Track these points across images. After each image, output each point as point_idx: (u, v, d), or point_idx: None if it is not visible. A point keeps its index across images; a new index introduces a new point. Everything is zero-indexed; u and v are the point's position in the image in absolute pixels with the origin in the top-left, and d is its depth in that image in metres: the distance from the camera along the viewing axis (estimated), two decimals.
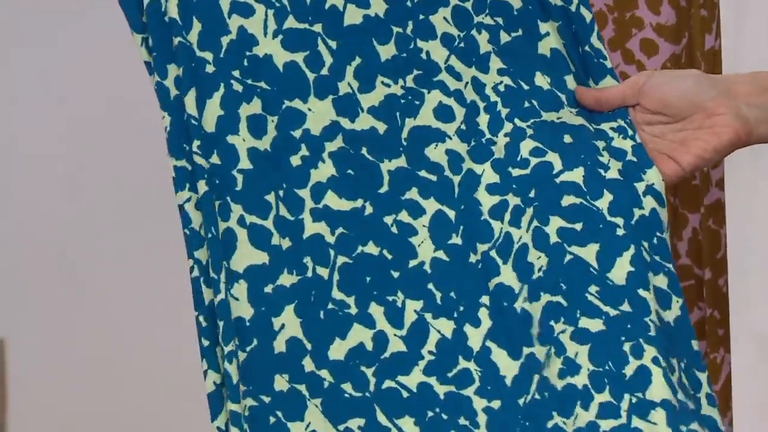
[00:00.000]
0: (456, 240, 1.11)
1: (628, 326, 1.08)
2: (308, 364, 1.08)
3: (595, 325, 1.08)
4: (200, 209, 1.10)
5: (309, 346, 1.08)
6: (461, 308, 1.10)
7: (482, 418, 1.07)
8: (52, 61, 2.46)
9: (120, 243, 2.47)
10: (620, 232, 1.10)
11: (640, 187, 1.12)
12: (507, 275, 1.10)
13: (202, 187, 1.10)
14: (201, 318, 1.09)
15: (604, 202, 1.11)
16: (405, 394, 1.08)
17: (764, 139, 1.13)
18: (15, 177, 2.49)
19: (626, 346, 1.08)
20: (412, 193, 1.12)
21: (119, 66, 2.23)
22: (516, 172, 1.13)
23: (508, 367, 1.09)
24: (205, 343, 1.09)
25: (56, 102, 2.45)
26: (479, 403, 1.08)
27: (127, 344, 2.49)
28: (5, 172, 2.49)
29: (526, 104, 1.16)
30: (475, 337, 1.09)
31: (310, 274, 1.10)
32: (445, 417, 1.07)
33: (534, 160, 1.13)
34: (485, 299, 1.10)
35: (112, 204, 2.46)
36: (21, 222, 2.49)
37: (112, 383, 2.51)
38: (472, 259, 1.11)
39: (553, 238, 1.11)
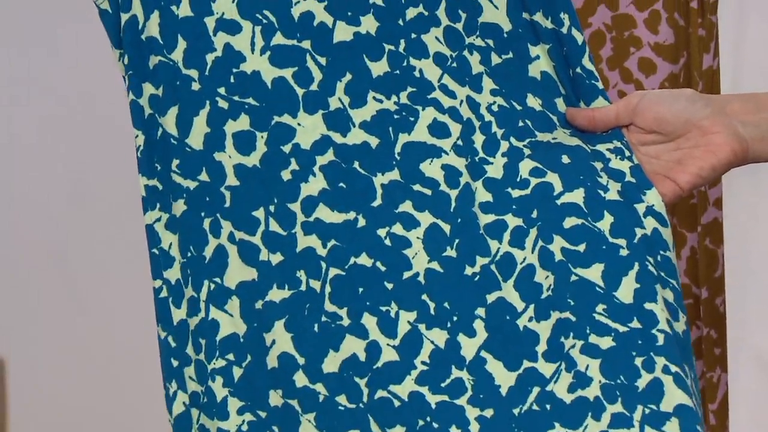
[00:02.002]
0: (451, 252, 1.12)
1: (639, 342, 1.08)
2: (301, 379, 1.08)
3: (605, 342, 1.08)
4: (173, 229, 1.11)
5: (302, 361, 1.09)
6: (455, 318, 1.10)
7: (474, 427, 1.07)
8: (52, 62, 2.45)
9: (123, 259, 2.47)
10: (624, 252, 1.10)
11: (641, 208, 1.12)
12: (509, 293, 1.10)
13: (181, 206, 1.11)
14: (170, 338, 1.10)
15: (605, 224, 1.11)
16: (396, 404, 1.08)
17: (761, 157, 1.14)
18: (14, 188, 2.49)
19: (638, 361, 1.08)
20: (406, 206, 1.12)
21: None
22: (516, 192, 1.13)
23: (503, 378, 1.09)
24: (174, 363, 1.10)
25: (55, 102, 2.45)
26: (472, 412, 1.08)
27: (128, 363, 2.49)
28: (5, 180, 2.49)
29: (521, 123, 1.16)
30: (469, 347, 1.09)
31: (303, 287, 1.10)
32: (436, 426, 1.07)
33: (534, 181, 1.13)
34: (481, 311, 1.10)
35: (115, 219, 2.46)
36: (22, 238, 2.49)
37: (113, 402, 2.50)
38: (468, 271, 1.11)
39: (558, 257, 1.11)
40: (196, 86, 1.12)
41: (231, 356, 1.09)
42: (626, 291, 1.09)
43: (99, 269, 2.50)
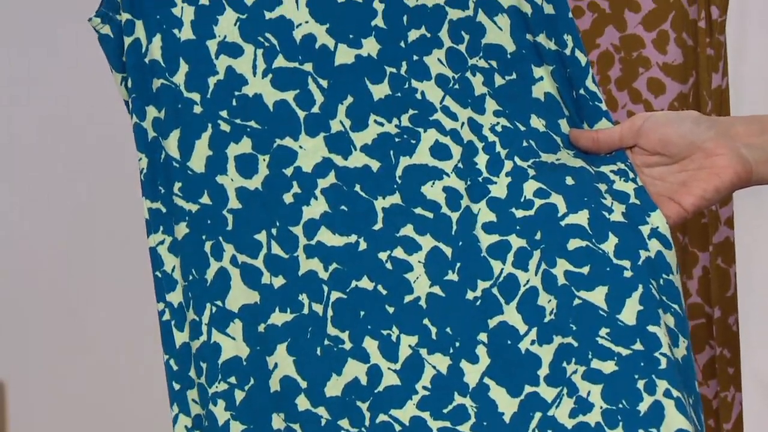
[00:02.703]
0: (452, 276, 1.11)
1: (641, 364, 1.07)
2: (303, 403, 1.08)
3: (607, 366, 1.08)
4: (175, 252, 1.12)
5: (304, 384, 1.08)
6: (457, 344, 1.10)
7: None
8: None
9: (122, 286, 2.47)
10: (627, 274, 1.10)
11: (645, 230, 1.12)
12: (511, 316, 1.10)
13: (183, 229, 1.11)
14: (172, 361, 1.10)
15: (609, 245, 1.11)
16: (398, 428, 1.08)
17: (765, 179, 1.13)
18: (14, 188, 2.49)
19: (640, 384, 1.07)
20: (407, 230, 1.12)
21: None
22: (520, 213, 1.13)
23: (507, 404, 1.08)
24: (176, 386, 1.10)
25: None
26: None
27: (127, 388, 2.49)
28: (5, 181, 2.49)
29: (525, 144, 1.16)
30: (472, 374, 1.09)
31: (306, 311, 1.10)
32: None
33: (538, 202, 1.13)
34: (483, 336, 1.10)
35: (115, 218, 2.46)
36: (21, 263, 2.49)
37: (114, 427, 2.50)
38: (470, 296, 1.11)
39: (561, 280, 1.10)
40: (198, 109, 1.12)
41: (233, 379, 1.09)
42: (630, 313, 1.08)
43: (98, 298, 2.50)
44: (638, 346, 1.07)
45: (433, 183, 1.14)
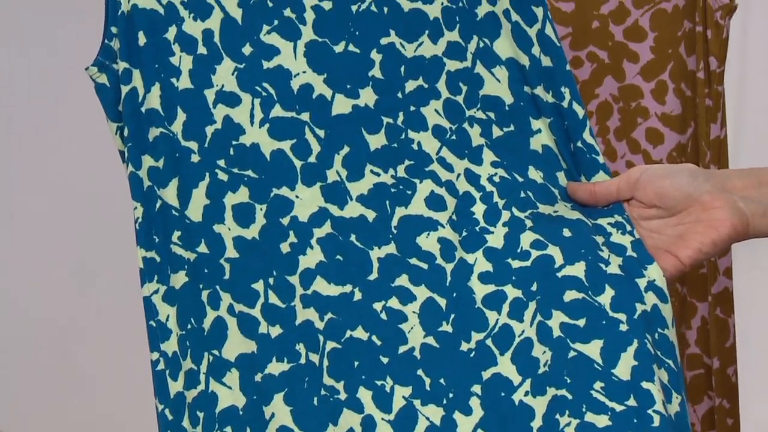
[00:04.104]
0: (447, 327, 1.11)
1: (635, 420, 1.07)
2: None
3: (601, 420, 1.07)
4: (170, 301, 1.11)
5: None
6: (451, 395, 1.09)
7: None
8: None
9: (120, 332, 2.46)
10: (623, 327, 1.09)
11: (642, 283, 1.11)
12: (505, 367, 1.10)
13: (181, 278, 1.11)
14: (167, 411, 1.10)
15: (606, 298, 1.11)
16: None
17: (762, 232, 1.13)
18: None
19: None
20: (402, 280, 1.12)
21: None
22: (516, 263, 1.13)
23: None
24: None
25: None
26: None
27: None
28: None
29: (522, 194, 1.16)
30: (465, 425, 1.08)
31: (303, 360, 1.10)
32: None
33: (535, 253, 1.13)
34: (477, 388, 1.09)
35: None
36: (20, 310, 2.49)
37: None
38: (464, 347, 1.11)
39: (557, 333, 1.10)
40: (195, 158, 1.12)
41: (229, 429, 1.09)
42: (624, 368, 1.08)
43: (97, 347, 2.49)
44: (632, 402, 1.07)
45: (428, 234, 1.14)
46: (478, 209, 1.15)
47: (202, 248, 1.11)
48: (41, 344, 2.49)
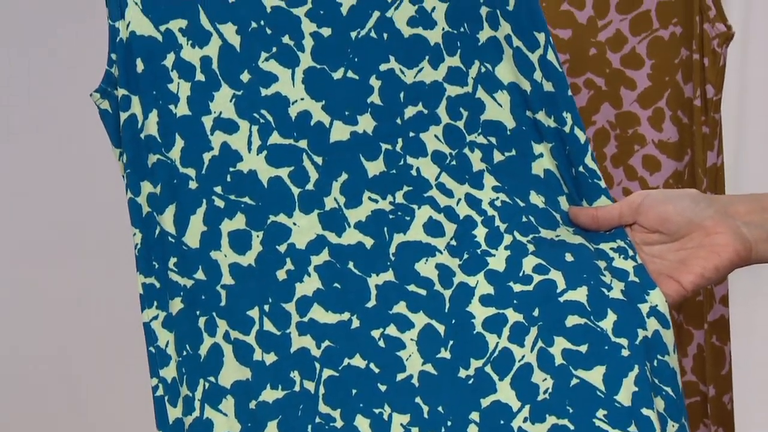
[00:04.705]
0: (445, 354, 1.11)
1: None
2: None
3: None
4: (169, 327, 1.11)
5: None
6: (449, 423, 1.09)
7: None
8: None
9: (126, 361, 2.45)
10: (625, 353, 1.09)
11: (644, 308, 1.11)
12: (505, 393, 1.09)
13: (177, 304, 1.11)
14: None
15: (608, 323, 1.10)
16: None
17: (764, 258, 1.13)
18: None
19: None
20: (400, 307, 1.12)
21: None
22: (518, 287, 1.13)
23: None
24: None
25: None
26: None
27: None
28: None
29: (524, 219, 1.16)
30: None
31: (297, 388, 1.09)
32: None
33: (537, 278, 1.13)
34: (475, 416, 1.09)
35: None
36: (21, 309, 2.48)
37: None
38: (462, 374, 1.10)
39: (558, 360, 1.09)
40: (193, 185, 1.12)
41: None
42: (625, 394, 1.08)
43: (101, 379, 2.48)
44: (633, 429, 1.06)
45: (426, 260, 1.14)
46: (480, 232, 1.15)
47: (199, 275, 1.11)
48: (42, 347, 2.49)
